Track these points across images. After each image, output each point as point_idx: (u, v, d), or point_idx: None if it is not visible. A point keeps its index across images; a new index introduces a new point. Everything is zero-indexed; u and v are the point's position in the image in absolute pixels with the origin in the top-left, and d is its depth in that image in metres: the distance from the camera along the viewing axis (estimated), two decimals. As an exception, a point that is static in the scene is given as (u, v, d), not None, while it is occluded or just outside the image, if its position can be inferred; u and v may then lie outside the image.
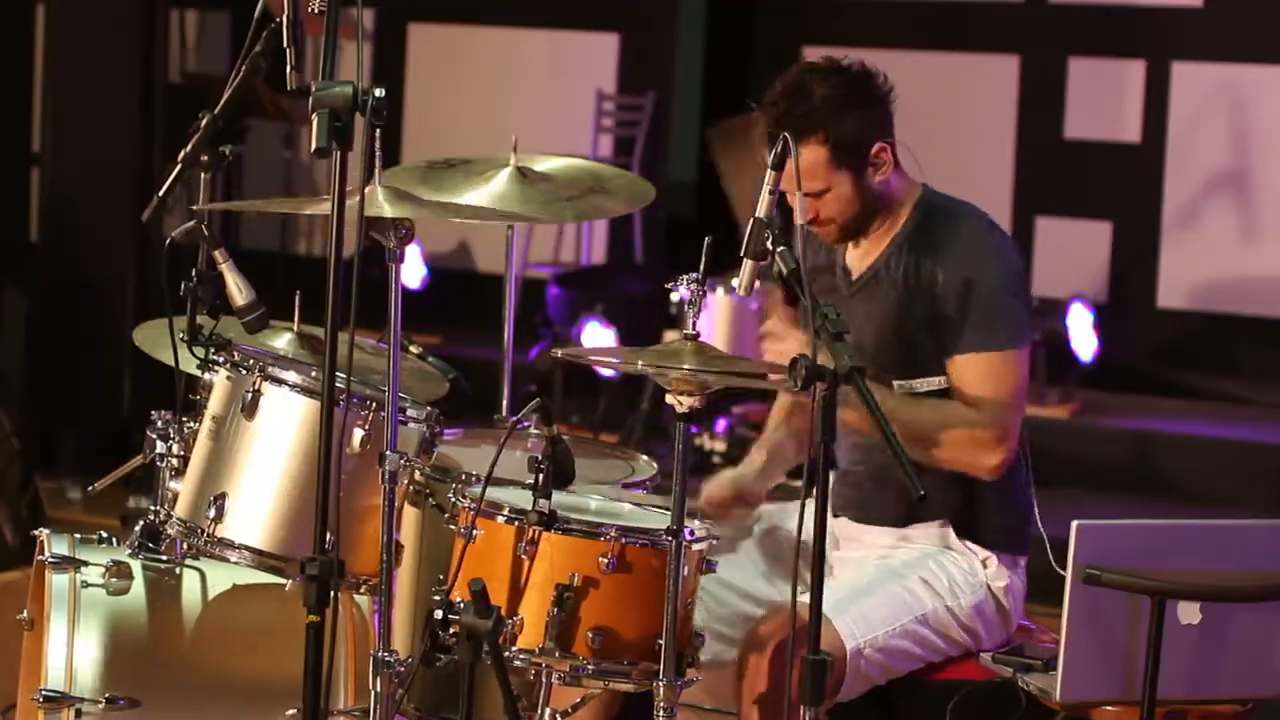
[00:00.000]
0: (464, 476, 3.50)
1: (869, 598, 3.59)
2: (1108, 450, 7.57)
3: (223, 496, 3.36)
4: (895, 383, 3.66)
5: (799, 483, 3.28)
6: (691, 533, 3.27)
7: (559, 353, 3.43)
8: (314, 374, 3.38)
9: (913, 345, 3.67)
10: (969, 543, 3.73)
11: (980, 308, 3.60)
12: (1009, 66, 9.08)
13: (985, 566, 3.72)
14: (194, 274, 3.54)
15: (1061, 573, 3.55)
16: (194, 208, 3.53)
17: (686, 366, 3.19)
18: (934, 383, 3.67)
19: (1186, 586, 3.32)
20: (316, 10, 3.02)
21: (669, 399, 3.27)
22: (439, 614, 3.12)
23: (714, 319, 7.05)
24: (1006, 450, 3.60)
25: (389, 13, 10.23)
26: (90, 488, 3.87)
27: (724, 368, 3.28)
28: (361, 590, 3.42)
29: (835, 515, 3.82)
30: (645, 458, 3.89)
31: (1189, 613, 3.36)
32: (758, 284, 3.41)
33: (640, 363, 3.25)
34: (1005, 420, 3.59)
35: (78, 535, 3.60)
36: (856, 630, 3.53)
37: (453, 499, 3.38)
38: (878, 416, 3.15)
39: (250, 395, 3.37)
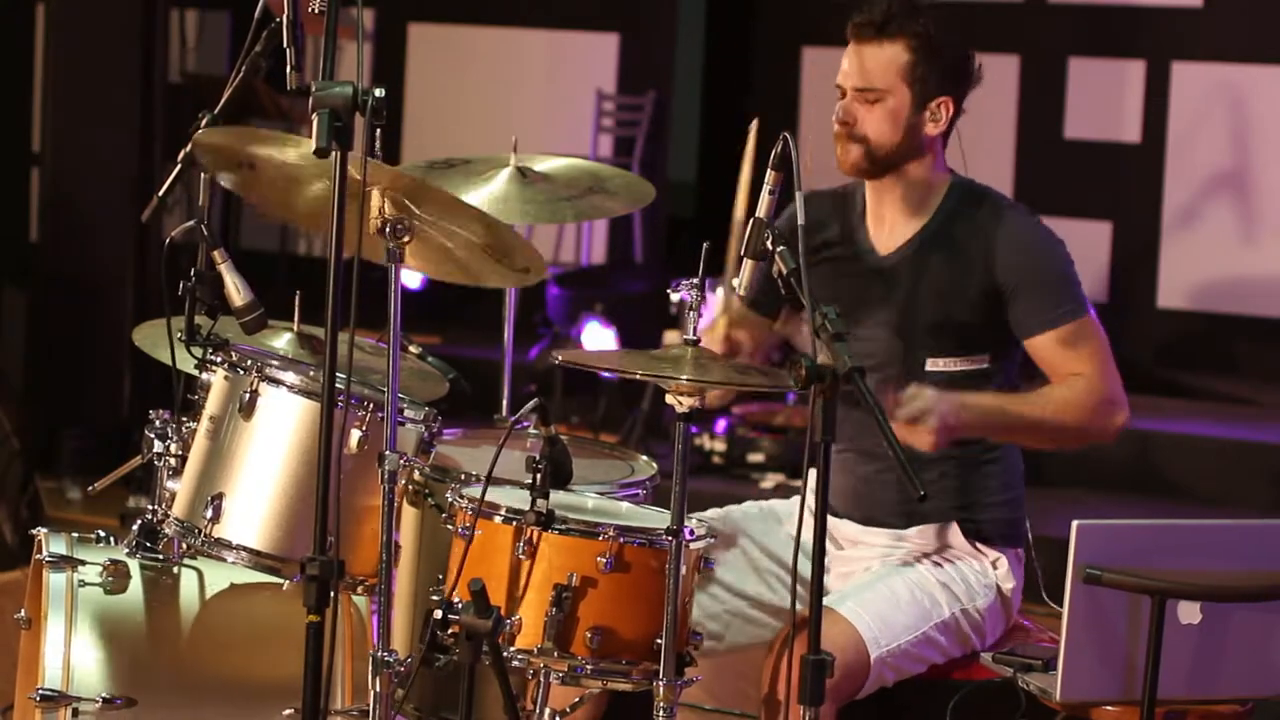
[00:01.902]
0: (463, 476, 3.50)
1: (891, 605, 3.57)
2: (1108, 450, 7.53)
3: (220, 497, 3.36)
4: (928, 359, 3.65)
5: (798, 482, 3.28)
6: (690, 532, 3.27)
7: (558, 356, 3.41)
8: (311, 374, 3.38)
9: (958, 324, 3.66)
10: (979, 544, 3.72)
11: (1046, 285, 3.66)
12: (1009, 66, 9.07)
13: (996, 568, 3.71)
14: (193, 274, 3.54)
15: (1038, 569, 3.58)
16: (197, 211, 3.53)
17: (686, 378, 3.20)
18: (978, 361, 3.67)
19: (1186, 586, 3.31)
20: (316, 10, 3.02)
21: (669, 399, 3.26)
22: (438, 614, 3.11)
23: (713, 319, 7.02)
24: (1125, 407, 3.67)
25: (389, 13, 10.23)
26: (90, 488, 3.87)
27: (726, 377, 3.27)
28: (359, 591, 3.42)
29: (835, 516, 3.81)
30: (645, 458, 3.88)
31: (1189, 613, 3.35)
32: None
33: (640, 373, 3.25)
34: (1111, 379, 3.67)
35: (75, 534, 3.60)
36: (881, 639, 3.52)
37: (451, 499, 3.38)
38: (879, 418, 3.14)
39: (248, 396, 3.37)
